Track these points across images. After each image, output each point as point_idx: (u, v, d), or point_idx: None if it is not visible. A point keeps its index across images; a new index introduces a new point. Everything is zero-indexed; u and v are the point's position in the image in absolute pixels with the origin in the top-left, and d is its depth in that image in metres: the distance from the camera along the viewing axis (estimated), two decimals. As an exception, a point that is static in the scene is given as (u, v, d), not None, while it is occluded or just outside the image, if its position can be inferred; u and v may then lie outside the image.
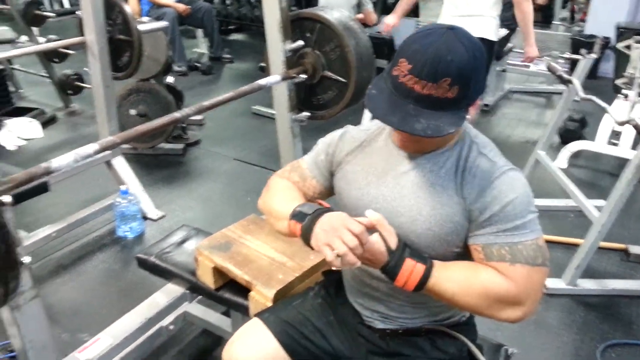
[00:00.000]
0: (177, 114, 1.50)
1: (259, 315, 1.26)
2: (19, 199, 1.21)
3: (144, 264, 1.74)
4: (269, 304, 1.37)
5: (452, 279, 0.97)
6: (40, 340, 1.26)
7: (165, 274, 1.70)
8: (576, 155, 3.37)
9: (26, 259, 1.11)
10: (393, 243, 0.97)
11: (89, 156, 1.27)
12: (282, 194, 1.18)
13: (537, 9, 4.93)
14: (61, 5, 8.65)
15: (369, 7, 4.43)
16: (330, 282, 1.32)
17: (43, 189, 2.22)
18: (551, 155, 3.04)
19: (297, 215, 1.04)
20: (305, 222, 1.01)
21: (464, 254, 1.04)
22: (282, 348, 1.18)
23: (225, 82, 5.35)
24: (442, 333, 1.15)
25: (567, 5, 7.60)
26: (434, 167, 1.03)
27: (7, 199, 1.06)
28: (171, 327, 1.80)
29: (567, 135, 3.62)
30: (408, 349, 1.15)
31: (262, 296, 1.39)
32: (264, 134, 3.86)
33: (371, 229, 0.97)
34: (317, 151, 1.24)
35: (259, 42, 6.89)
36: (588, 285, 2.17)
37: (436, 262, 0.99)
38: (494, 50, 3.31)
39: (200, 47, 6.16)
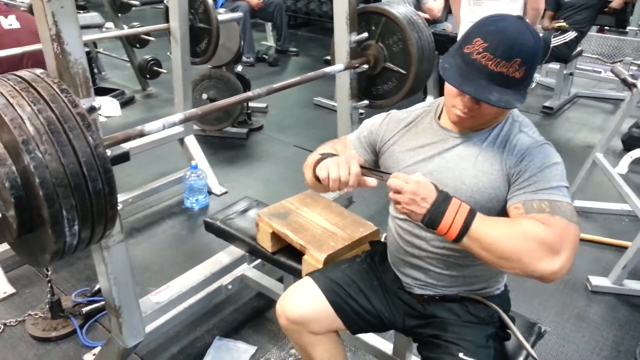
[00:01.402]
0: (250, 93, 1.68)
1: (310, 274, 1.41)
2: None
3: (210, 227, 1.93)
4: (320, 266, 1.51)
5: (495, 223, 1.04)
6: (123, 278, 1.46)
7: (228, 237, 1.88)
8: (638, 162, 3.30)
9: (119, 206, 1.31)
10: (439, 187, 1.07)
11: (174, 124, 1.46)
12: (319, 151, 1.31)
13: (611, 13, 4.79)
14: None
15: (428, 3, 4.45)
16: (375, 251, 1.46)
17: (125, 157, 2.47)
18: (613, 162, 3.01)
19: (323, 155, 1.20)
20: (324, 156, 1.17)
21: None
22: (329, 304, 1.32)
23: (290, 73, 5.56)
24: (476, 301, 1.25)
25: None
26: (477, 142, 1.15)
27: (109, 152, 1.26)
28: (230, 286, 1.99)
29: (630, 142, 3.54)
30: (443, 312, 1.26)
31: (314, 259, 1.54)
32: (324, 124, 4.03)
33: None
34: (361, 129, 1.38)
35: (325, 37, 7.07)
36: (635, 286, 2.18)
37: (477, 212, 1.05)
38: None
39: (268, 40, 6.42)
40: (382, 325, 1.37)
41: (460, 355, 1.15)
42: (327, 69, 1.97)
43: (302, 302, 1.34)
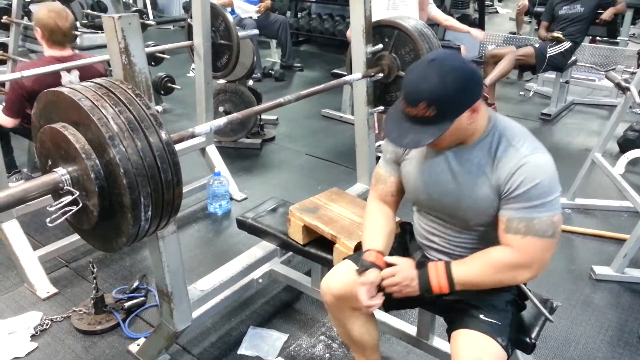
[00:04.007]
0: (281, 99, 1.85)
1: (348, 257, 1.58)
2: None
3: (242, 224, 2.09)
4: (351, 253, 1.67)
5: (469, 264, 1.28)
6: (174, 265, 1.62)
7: (260, 233, 2.04)
8: (634, 163, 3.48)
9: (173, 199, 1.47)
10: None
11: (219, 127, 1.63)
12: (369, 230, 1.49)
13: (603, 24, 5.02)
14: (147, 17, 9.47)
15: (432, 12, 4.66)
16: (405, 231, 1.63)
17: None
18: (610, 163, 3.17)
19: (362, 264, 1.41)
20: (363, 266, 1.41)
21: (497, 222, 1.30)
22: None
23: (296, 87, 5.76)
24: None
25: (638, 21, 7.59)
26: (470, 157, 1.29)
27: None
28: (260, 280, 2.14)
29: (626, 144, 3.73)
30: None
31: (345, 247, 1.70)
32: (333, 134, 4.22)
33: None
34: (384, 152, 1.54)
35: (327, 52, 7.31)
36: (636, 274, 2.34)
37: (452, 261, 1.31)
38: None
39: (273, 56, 6.64)
40: (411, 300, 1.52)
41: (481, 316, 1.31)
42: (347, 78, 2.15)
43: (345, 280, 1.48)
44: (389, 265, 1.37)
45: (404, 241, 1.58)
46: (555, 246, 1.24)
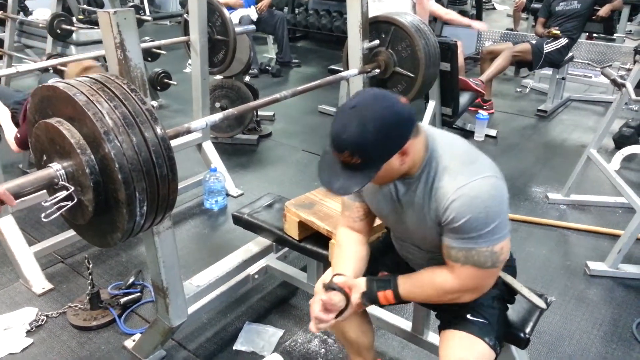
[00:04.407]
0: (277, 95, 1.85)
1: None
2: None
3: (238, 220, 2.09)
4: (346, 248, 1.67)
5: (414, 281, 1.32)
6: (170, 261, 1.62)
7: (256, 229, 2.04)
8: (629, 159, 3.50)
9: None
10: (360, 288, 1.34)
11: (215, 122, 1.63)
12: (337, 260, 1.46)
13: (599, 20, 5.03)
14: (143, 12, 9.43)
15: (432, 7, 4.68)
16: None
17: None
18: (606, 159, 3.18)
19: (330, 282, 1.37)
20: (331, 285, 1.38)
21: None
22: None
23: (293, 83, 5.75)
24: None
25: (634, 18, 7.61)
26: (414, 189, 1.26)
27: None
28: (256, 276, 2.15)
29: (621, 141, 3.74)
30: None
31: (340, 243, 1.70)
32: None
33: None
34: None
35: (324, 49, 7.30)
36: (630, 269, 2.35)
37: (400, 277, 1.33)
38: None
39: (269, 52, 6.63)
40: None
41: (468, 316, 1.32)
42: (344, 74, 2.15)
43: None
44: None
45: (390, 241, 1.59)
46: (498, 272, 1.26)
